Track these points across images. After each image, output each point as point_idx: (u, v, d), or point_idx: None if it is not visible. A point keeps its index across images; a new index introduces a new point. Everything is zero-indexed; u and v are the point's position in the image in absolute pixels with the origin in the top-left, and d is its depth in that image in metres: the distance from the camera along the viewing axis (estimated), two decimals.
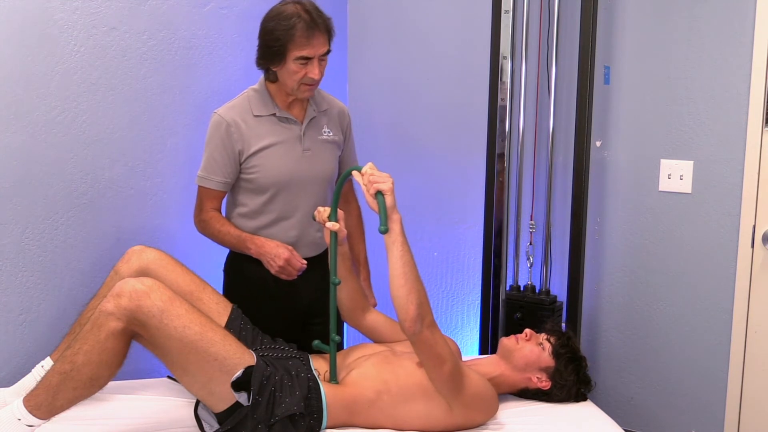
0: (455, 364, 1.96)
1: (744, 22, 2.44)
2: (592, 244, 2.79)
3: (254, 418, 1.86)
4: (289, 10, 2.12)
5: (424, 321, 1.88)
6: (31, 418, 1.78)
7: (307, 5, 2.14)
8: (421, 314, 1.88)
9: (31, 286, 2.25)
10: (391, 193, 1.87)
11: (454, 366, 1.96)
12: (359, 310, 2.25)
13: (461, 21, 2.98)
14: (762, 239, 2.48)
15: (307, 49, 2.12)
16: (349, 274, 2.20)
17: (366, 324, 2.27)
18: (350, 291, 2.21)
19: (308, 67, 2.15)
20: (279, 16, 2.13)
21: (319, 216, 2.07)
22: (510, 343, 2.22)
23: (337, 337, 2.05)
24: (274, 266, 2.18)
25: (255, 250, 2.21)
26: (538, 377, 2.19)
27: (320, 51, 2.14)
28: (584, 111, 2.59)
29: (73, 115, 2.30)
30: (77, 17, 2.28)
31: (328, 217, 2.04)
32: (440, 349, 1.93)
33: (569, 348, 2.22)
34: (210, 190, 2.26)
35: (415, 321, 1.87)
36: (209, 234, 2.29)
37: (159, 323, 1.79)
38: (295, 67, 2.14)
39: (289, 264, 2.17)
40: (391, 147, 3.15)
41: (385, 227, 1.85)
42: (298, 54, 2.12)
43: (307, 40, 2.11)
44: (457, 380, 1.97)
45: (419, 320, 1.87)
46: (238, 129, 2.21)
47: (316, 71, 2.15)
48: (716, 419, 2.63)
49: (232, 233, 2.25)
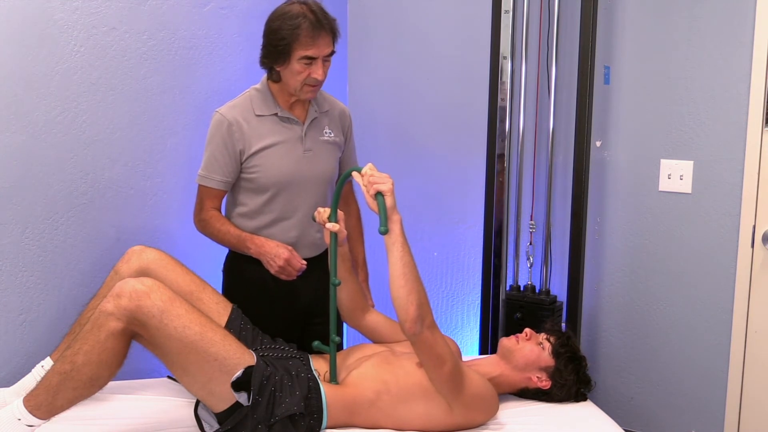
0: (455, 364, 1.96)
1: (744, 22, 2.44)
2: (592, 244, 2.79)
3: (254, 418, 1.86)
4: (295, 10, 2.12)
5: (424, 322, 1.88)
6: (31, 418, 1.78)
7: (313, 6, 2.14)
8: (422, 315, 1.88)
9: (31, 286, 2.25)
10: (391, 194, 1.86)
11: (454, 366, 1.96)
12: (359, 310, 2.26)
13: (461, 21, 2.98)
14: (762, 239, 2.48)
15: (311, 49, 2.12)
16: (349, 274, 2.20)
17: (366, 324, 2.27)
18: (350, 292, 2.21)
19: (312, 67, 2.15)
20: (284, 16, 2.13)
21: (319, 217, 2.07)
22: (510, 343, 2.22)
23: (337, 338, 2.05)
24: (273, 266, 2.18)
25: (255, 249, 2.21)
26: (538, 377, 2.19)
27: (325, 51, 2.15)
28: (584, 111, 2.59)
29: (73, 115, 2.30)
30: (77, 17, 2.28)
31: (328, 217, 2.04)
32: (440, 350, 1.93)
33: (569, 347, 2.22)
34: (210, 189, 2.26)
35: (416, 322, 1.87)
36: (209, 233, 2.29)
37: (159, 323, 1.79)
38: (299, 67, 2.14)
39: (289, 264, 2.17)
40: (391, 147, 3.15)
41: (385, 228, 1.84)
42: (302, 54, 2.12)
43: (312, 40, 2.11)
44: (457, 380, 1.97)
45: (419, 321, 1.87)
46: (239, 128, 2.21)
47: (320, 72, 2.15)
48: (716, 419, 2.63)
49: (232, 233, 2.25)
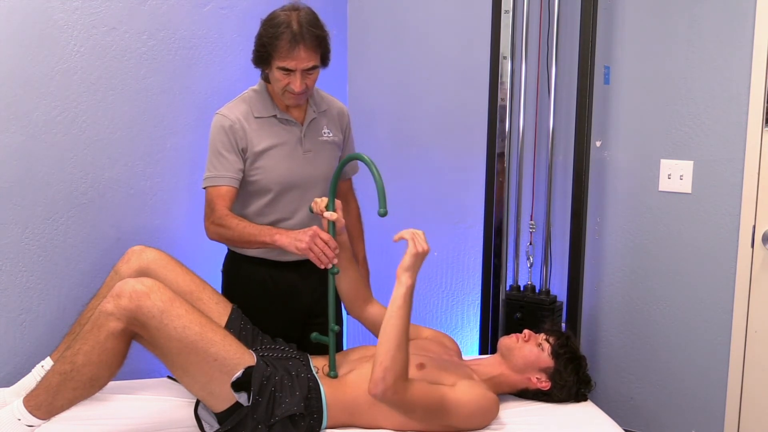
0: (428, 408, 1.94)
1: (744, 22, 2.44)
2: (592, 244, 2.79)
3: (254, 418, 1.86)
4: (281, 18, 2.08)
5: (387, 388, 1.87)
6: (31, 418, 1.78)
7: (303, 15, 2.09)
8: (386, 379, 1.87)
9: (31, 286, 2.25)
10: (418, 257, 1.94)
11: (427, 411, 1.94)
12: (361, 300, 2.24)
13: (461, 21, 2.98)
14: (762, 239, 2.48)
15: (287, 62, 2.08)
16: (350, 264, 2.20)
17: (367, 316, 2.25)
18: (351, 281, 2.21)
19: (290, 77, 2.12)
20: (270, 22, 2.10)
21: (316, 207, 2.07)
22: (510, 342, 2.22)
23: (335, 327, 2.05)
24: (301, 246, 2.02)
25: (280, 236, 2.08)
26: (538, 377, 2.18)
27: (303, 65, 2.09)
28: (584, 111, 2.59)
29: (73, 115, 2.30)
30: (77, 17, 2.28)
31: (326, 207, 2.05)
32: (409, 405, 1.92)
33: (568, 348, 2.21)
34: (220, 189, 2.18)
35: (377, 384, 1.88)
36: (225, 231, 2.15)
37: (159, 324, 1.79)
38: (278, 75, 2.12)
39: (319, 237, 2.02)
40: (391, 147, 3.15)
41: (385, 210, 1.86)
42: (279, 64, 2.09)
43: (288, 52, 2.06)
44: (438, 416, 1.96)
45: (381, 384, 1.87)
46: (242, 127, 2.20)
47: (297, 84, 2.11)
48: (716, 419, 2.63)
49: (253, 225, 2.15)
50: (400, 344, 1.90)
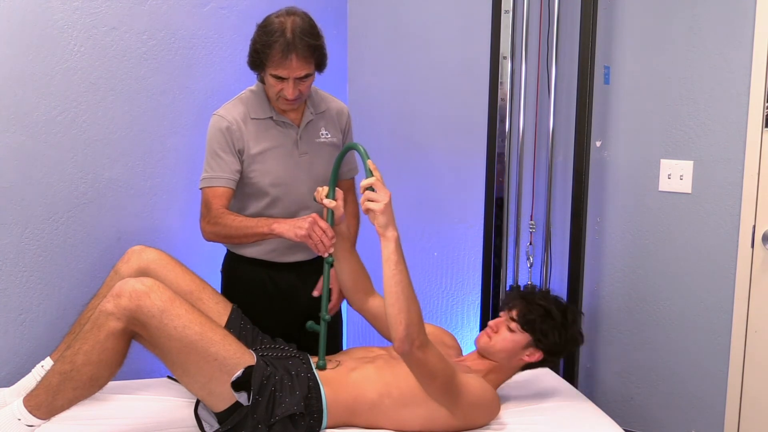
0: (447, 378, 1.94)
1: (744, 22, 2.44)
2: (592, 244, 2.79)
3: (254, 417, 1.86)
4: (275, 25, 2.06)
5: (413, 342, 1.87)
6: (31, 418, 1.78)
7: (298, 22, 2.07)
8: (410, 335, 1.86)
9: (31, 286, 2.25)
10: (383, 213, 1.87)
11: (447, 380, 1.94)
12: (362, 292, 2.23)
13: (461, 21, 2.98)
14: (762, 239, 2.48)
15: (280, 70, 2.08)
16: (350, 253, 2.19)
17: (368, 308, 2.23)
18: (351, 271, 2.20)
19: (284, 84, 2.11)
20: (264, 29, 2.09)
21: (317, 195, 2.08)
22: (483, 341, 2.16)
23: (327, 316, 2.05)
24: (300, 233, 2.03)
25: (278, 225, 2.08)
26: (528, 354, 2.14)
27: (296, 74, 2.09)
28: (584, 111, 2.59)
29: (73, 115, 2.30)
30: (77, 17, 2.28)
31: (326, 195, 2.05)
32: (432, 367, 1.91)
33: (530, 312, 2.12)
34: (216, 190, 2.18)
35: (403, 342, 1.86)
36: (222, 229, 2.14)
37: (159, 323, 1.79)
38: (272, 81, 2.12)
39: (317, 225, 2.02)
40: (391, 147, 3.15)
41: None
42: (272, 72, 2.09)
43: (280, 61, 2.06)
44: (452, 392, 1.96)
45: (407, 341, 1.86)
46: (239, 128, 2.20)
47: (290, 91, 2.11)
48: (716, 419, 2.63)
49: (250, 219, 2.15)
50: (409, 297, 1.88)
